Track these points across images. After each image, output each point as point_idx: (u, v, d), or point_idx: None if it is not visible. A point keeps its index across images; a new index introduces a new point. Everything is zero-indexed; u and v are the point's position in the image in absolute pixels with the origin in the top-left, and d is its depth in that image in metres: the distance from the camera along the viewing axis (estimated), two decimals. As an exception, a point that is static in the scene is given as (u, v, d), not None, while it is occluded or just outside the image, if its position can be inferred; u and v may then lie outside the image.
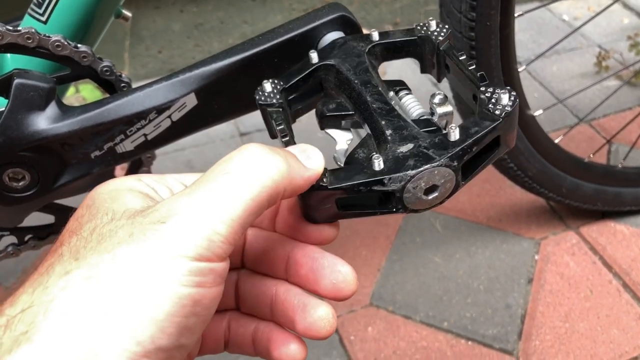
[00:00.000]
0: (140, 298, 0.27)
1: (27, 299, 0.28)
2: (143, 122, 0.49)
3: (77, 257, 0.28)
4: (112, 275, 0.27)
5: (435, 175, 0.35)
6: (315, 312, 0.35)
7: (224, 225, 0.29)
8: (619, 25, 1.64)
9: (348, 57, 0.43)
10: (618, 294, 0.99)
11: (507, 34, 0.76)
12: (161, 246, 0.28)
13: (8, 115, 0.48)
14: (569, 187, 0.99)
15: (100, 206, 0.31)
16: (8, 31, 0.47)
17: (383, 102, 0.39)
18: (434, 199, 0.37)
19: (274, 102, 0.41)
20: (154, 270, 0.27)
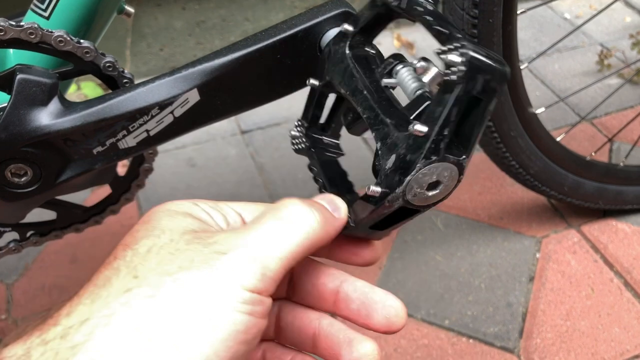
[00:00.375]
0: (199, 320, 0.29)
1: (84, 310, 0.29)
2: (145, 118, 0.49)
3: (137, 275, 0.30)
4: (173, 296, 0.29)
5: (424, 176, 0.35)
6: (361, 348, 0.36)
7: (274, 263, 0.31)
8: (620, 24, 1.64)
9: (336, 67, 0.42)
10: (619, 292, 0.99)
11: (509, 31, 0.76)
12: (221, 275, 0.30)
13: (10, 111, 0.48)
14: (571, 185, 0.99)
15: (157, 224, 0.33)
16: (11, 26, 0.47)
17: (369, 108, 0.38)
18: (444, 189, 0.37)
19: (302, 146, 0.43)
20: (213, 296, 0.29)
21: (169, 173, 1.19)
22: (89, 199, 1.10)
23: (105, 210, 0.65)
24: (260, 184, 1.18)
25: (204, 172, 1.20)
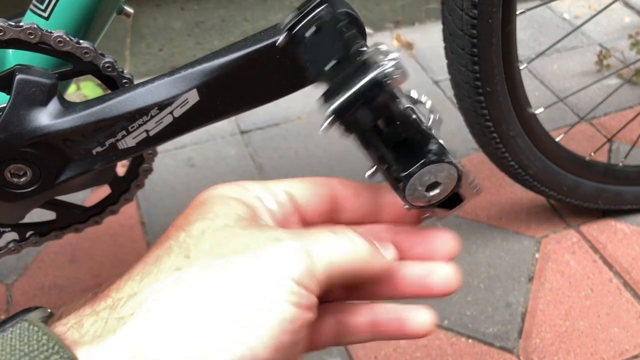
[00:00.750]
0: (246, 306, 0.29)
1: (134, 285, 0.29)
2: (145, 118, 0.49)
3: (189, 256, 0.30)
4: (223, 279, 0.29)
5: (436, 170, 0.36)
6: (418, 315, 0.37)
7: (322, 264, 0.31)
8: (619, 24, 1.64)
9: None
10: (618, 292, 0.99)
11: (508, 32, 0.76)
12: (273, 263, 0.30)
13: (10, 111, 0.48)
14: (570, 185, 0.99)
15: (211, 207, 0.33)
16: (10, 27, 0.47)
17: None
18: (434, 196, 0.37)
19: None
20: (264, 283, 0.29)
21: (168, 173, 1.19)
22: (89, 200, 1.10)
23: (105, 210, 0.65)
24: (260, 184, 1.18)
25: (203, 172, 1.20)
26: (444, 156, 0.36)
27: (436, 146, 0.35)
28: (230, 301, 0.28)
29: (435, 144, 0.35)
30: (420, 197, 0.37)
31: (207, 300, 0.28)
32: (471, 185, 0.38)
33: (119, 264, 1.03)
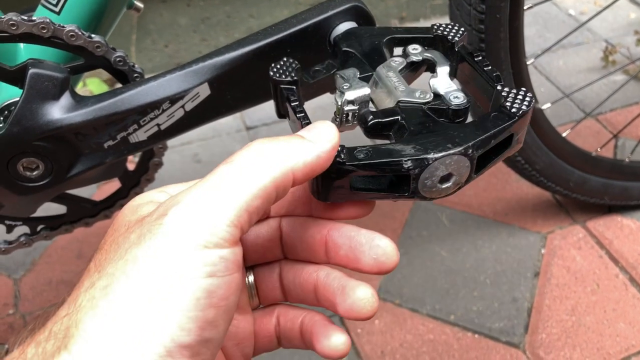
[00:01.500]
0: (152, 299, 0.27)
1: (63, 312, 0.29)
2: (156, 112, 0.49)
3: (99, 269, 0.29)
4: (124, 281, 0.28)
5: (453, 162, 0.35)
6: (354, 294, 0.34)
7: (227, 208, 0.28)
8: (625, 20, 1.64)
9: (364, 62, 0.43)
10: (624, 288, 0.99)
11: (516, 27, 0.76)
12: (166, 240, 0.28)
13: (23, 105, 0.48)
14: (577, 181, 0.99)
15: (122, 221, 0.32)
16: (23, 21, 0.47)
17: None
18: (446, 188, 0.37)
19: (289, 78, 0.41)
20: (162, 268, 0.27)
21: (175, 169, 1.19)
22: (96, 194, 1.10)
23: (115, 204, 0.65)
24: (266, 180, 1.18)
25: (209, 168, 1.20)
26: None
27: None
28: (135, 300, 0.27)
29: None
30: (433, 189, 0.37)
31: (113, 310, 0.27)
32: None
33: (126, 259, 1.03)
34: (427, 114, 0.40)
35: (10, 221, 0.62)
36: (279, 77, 0.41)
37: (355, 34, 0.45)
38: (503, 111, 0.38)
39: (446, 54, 0.45)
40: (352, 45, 0.44)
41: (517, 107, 0.38)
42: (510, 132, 0.38)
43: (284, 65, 0.42)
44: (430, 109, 0.40)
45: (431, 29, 0.46)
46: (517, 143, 0.39)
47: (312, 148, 0.32)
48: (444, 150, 0.35)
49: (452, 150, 0.35)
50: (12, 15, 0.47)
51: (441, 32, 0.45)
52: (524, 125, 0.39)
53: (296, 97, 0.40)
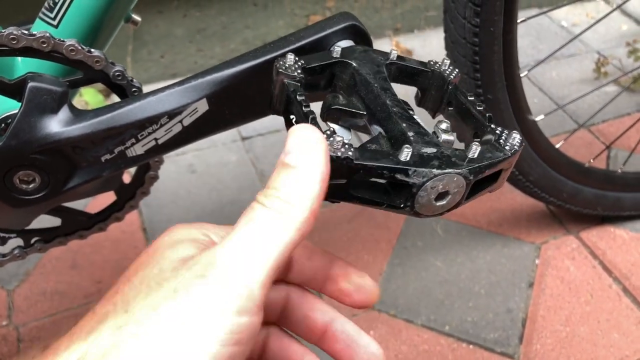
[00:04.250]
0: (182, 354, 0.28)
1: (82, 345, 0.29)
2: (154, 127, 0.49)
3: (127, 309, 0.30)
4: (156, 333, 0.28)
5: (453, 181, 0.36)
6: None
7: (261, 272, 0.30)
8: (617, 32, 1.66)
9: (368, 63, 0.44)
10: (618, 298, 1.00)
11: (509, 40, 0.77)
12: (202, 303, 0.29)
13: (21, 118, 0.48)
14: (570, 191, 1.00)
15: (156, 254, 0.33)
16: (24, 35, 0.48)
17: (402, 108, 0.41)
18: (439, 207, 0.38)
19: (295, 74, 0.42)
20: (195, 329, 0.28)
21: (170, 179, 1.19)
22: (91, 206, 1.10)
23: (110, 217, 0.65)
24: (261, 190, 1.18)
25: (204, 178, 1.20)
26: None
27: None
28: (163, 356, 0.28)
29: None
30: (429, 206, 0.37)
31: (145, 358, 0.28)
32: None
33: (120, 270, 1.02)
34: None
35: (4, 233, 0.62)
36: (286, 71, 0.41)
37: (359, 51, 0.46)
38: (496, 147, 0.39)
39: (439, 90, 0.47)
40: (356, 61, 0.45)
41: (509, 145, 0.39)
42: (500, 168, 0.39)
43: (292, 62, 0.42)
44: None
45: (428, 63, 0.47)
46: (501, 181, 0.41)
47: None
48: (447, 168, 0.36)
49: (455, 169, 0.36)
50: (12, 30, 0.48)
51: (437, 68, 0.47)
52: (512, 164, 0.40)
53: (302, 92, 0.40)
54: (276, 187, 0.32)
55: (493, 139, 0.40)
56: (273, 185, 0.32)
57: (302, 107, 0.39)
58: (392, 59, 0.47)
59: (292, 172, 0.32)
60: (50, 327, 0.94)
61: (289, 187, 0.31)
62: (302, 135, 0.33)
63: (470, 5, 0.70)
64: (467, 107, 0.44)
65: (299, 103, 0.39)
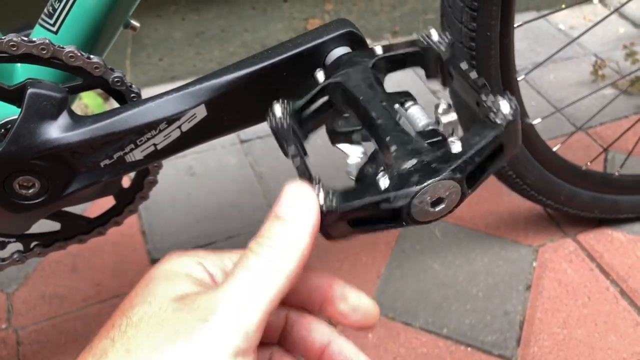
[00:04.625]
0: None
1: None
2: (153, 132, 0.50)
3: (129, 349, 0.31)
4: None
5: (439, 188, 0.36)
6: None
7: (256, 317, 0.32)
8: (614, 35, 1.66)
9: (353, 74, 0.44)
10: (615, 300, 1.00)
11: (506, 44, 0.77)
12: (204, 346, 0.30)
13: (21, 124, 0.48)
14: (567, 194, 1.01)
15: (154, 288, 0.34)
16: (23, 42, 0.48)
17: (387, 117, 0.40)
18: (441, 210, 0.38)
19: (284, 126, 0.42)
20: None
21: (169, 182, 1.20)
22: (89, 210, 1.11)
23: (109, 221, 0.66)
24: (260, 193, 1.18)
25: (203, 180, 1.21)
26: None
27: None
28: None
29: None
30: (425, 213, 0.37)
31: None
32: None
33: (120, 273, 1.03)
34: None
35: (3, 238, 0.63)
36: (276, 126, 0.42)
37: (344, 62, 0.46)
38: (487, 122, 0.38)
39: (436, 64, 0.45)
40: (342, 77, 0.45)
41: (501, 117, 0.37)
42: (499, 143, 0.38)
43: (279, 113, 0.43)
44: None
45: (416, 41, 0.46)
46: (508, 153, 0.39)
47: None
48: (427, 179, 0.36)
49: (435, 178, 0.36)
50: (12, 36, 0.48)
51: (427, 43, 0.45)
52: (513, 134, 0.38)
53: (291, 143, 0.41)
54: (268, 236, 0.34)
55: (482, 115, 0.38)
56: (265, 234, 0.34)
57: (292, 159, 0.40)
58: (379, 54, 0.46)
59: (284, 224, 0.34)
60: (50, 331, 0.94)
61: (280, 237, 0.34)
62: (295, 190, 0.36)
63: (467, 10, 0.71)
64: (463, 77, 0.42)
65: (291, 157, 0.40)
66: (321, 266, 1.03)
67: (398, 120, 0.40)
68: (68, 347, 0.91)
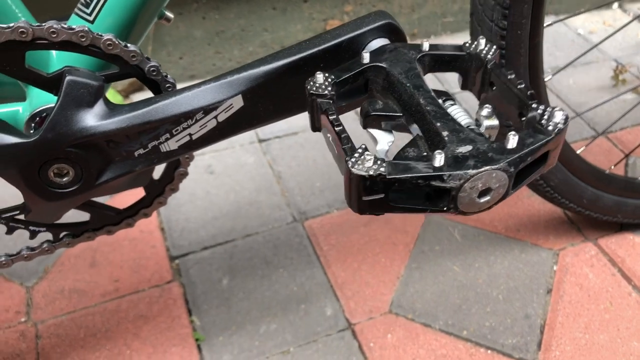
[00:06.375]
0: None
1: None
2: (190, 122, 0.50)
3: None
4: None
5: (493, 177, 0.36)
6: None
7: None
8: (634, 40, 1.65)
9: (399, 62, 0.44)
10: (638, 306, 0.99)
11: (536, 44, 0.77)
12: None
13: (58, 112, 0.48)
14: (590, 198, 1.00)
15: None
16: (63, 29, 0.48)
17: (437, 105, 0.40)
18: (485, 203, 0.38)
19: (326, 93, 0.42)
20: None
21: (188, 179, 1.20)
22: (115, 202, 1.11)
23: (138, 213, 0.66)
24: (278, 191, 1.18)
25: (222, 179, 1.21)
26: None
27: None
28: None
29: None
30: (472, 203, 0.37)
31: None
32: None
33: (139, 269, 1.03)
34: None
35: (34, 227, 0.63)
36: (317, 91, 0.42)
37: (389, 51, 0.46)
38: (539, 129, 0.39)
39: (478, 72, 0.46)
40: (387, 63, 0.45)
41: (553, 124, 0.39)
42: (546, 150, 0.39)
43: (321, 80, 0.43)
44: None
45: (463, 46, 0.47)
46: (551, 161, 0.40)
47: None
48: (484, 165, 0.36)
49: (492, 166, 0.36)
50: (52, 23, 0.48)
51: (473, 49, 0.46)
52: (559, 143, 0.40)
53: (334, 111, 0.41)
54: None
55: (536, 119, 0.40)
56: None
57: (333, 126, 0.39)
58: (425, 50, 0.46)
59: None
60: (68, 325, 0.94)
61: None
62: None
63: (498, 7, 0.70)
64: (508, 86, 0.43)
65: (331, 122, 0.40)
66: (339, 266, 1.03)
67: (447, 110, 0.40)
68: (87, 342, 0.91)
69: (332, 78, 0.44)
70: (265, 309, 0.98)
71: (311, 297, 0.99)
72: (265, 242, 1.08)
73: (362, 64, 0.45)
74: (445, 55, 0.46)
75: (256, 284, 1.01)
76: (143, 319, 0.95)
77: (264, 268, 1.04)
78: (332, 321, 0.96)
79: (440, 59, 0.46)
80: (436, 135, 0.38)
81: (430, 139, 0.39)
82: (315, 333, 0.94)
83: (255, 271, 1.03)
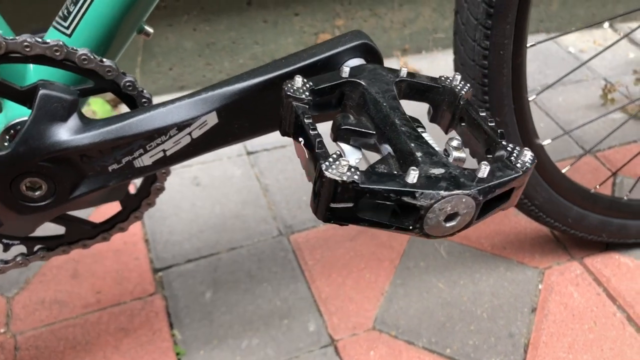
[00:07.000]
0: None
1: None
2: (163, 138, 0.49)
3: None
4: None
5: (462, 202, 0.36)
6: None
7: None
8: (624, 59, 1.66)
9: (377, 82, 0.44)
10: (622, 326, 0.99)
11: (519, 63, 0.77)
12: None
13: (31, 125, 0.48)
14: (575, 217, 0.99)
15: None
16: (37, 43, 0.48)
17: (411, 128, 0.41)
18: (450, 228, 0.38)
19: (303, 97, 0.42)
20: None
21: (174, 191, 1.19)
22: (93, 216, 1.10)
23: (114, 227, 0.65)
24: (265, 204, 1.18)
25: (208, 191, 1.20)
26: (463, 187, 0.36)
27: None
28: None
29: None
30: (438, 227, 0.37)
31: None
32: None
33: (121, 281, 1.02)
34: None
35: (7, 240, 0.62)
36: (294, 94, 0.42)
37: (369, 70, 0.46)
38: (508, 165, 0.39)
39: (450, 106, 0.47)
40: (365, 80, 0.45)
41: (521, 163, 0.39)
42: (512, 186, 0.39)
43: (300, 84, 0.42)
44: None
45: (438, 79, 0.47)
46: (513, 199, 0.41)
47: None
48: (456, 189, 0.36)
49: (463, 191, 0.36)
50: (26, 37, 0.48)
51: (448, 83, 0.47)
52: (524, 182, 0.40)
53: (309, 115, 0.41)
54: None
55: (504, 156, 0.40)
56: None
57: (309, 130, 0.39)
58: (402, 76, 0.47)
59: None
60: (48, 337, 0.93)
61: None
62: None
63: (480, 28, 0.71)
64: (478, 123, 0.44)
65: (307, 126, 0.40)
66: (324, 281, 1.02)
67: (421, 134, 0.40)
68: (66, 354, 0.90)
69: (310, 84, 0.43)
70: (247, 324, 0.97)
71: (294, 312, 0.99)
72: (250, 256, 1.07)
73: (342, 77, 0.45)
74: (421, 84, 0.47)
75: (239, 298, 1.00)
76: (124, 332, 0.94)
77: (247, 282, 1.03)
78: (315, 337, 0.95)
79: (416, 88, 0.47)
80: (409, 155, 0.38)
81: (402, 158, 0.39)
82: (297, 349, 0.93)
83: (238, 285, 1.02)
